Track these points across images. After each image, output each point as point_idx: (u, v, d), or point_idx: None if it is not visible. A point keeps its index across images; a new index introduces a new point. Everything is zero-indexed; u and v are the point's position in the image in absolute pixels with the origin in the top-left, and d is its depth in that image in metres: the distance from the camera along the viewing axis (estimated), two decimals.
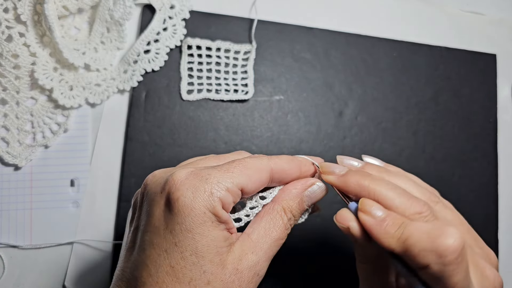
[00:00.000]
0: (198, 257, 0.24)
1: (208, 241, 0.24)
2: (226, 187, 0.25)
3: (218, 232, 0.25)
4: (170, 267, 0.24)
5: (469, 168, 0.49)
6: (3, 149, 0.43)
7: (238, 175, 0.26)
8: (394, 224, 0.25)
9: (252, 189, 0.27)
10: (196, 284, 0.24)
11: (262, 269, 0.27)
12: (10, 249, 0.42)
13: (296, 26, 0.48)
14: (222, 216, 0.25)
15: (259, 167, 0.27)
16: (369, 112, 0.48)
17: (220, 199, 0.25)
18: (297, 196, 0.29)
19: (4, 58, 0.41)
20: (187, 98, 0.45)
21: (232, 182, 0.25)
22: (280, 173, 0.28)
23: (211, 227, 0.24)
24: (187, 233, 0.24)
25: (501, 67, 0.52)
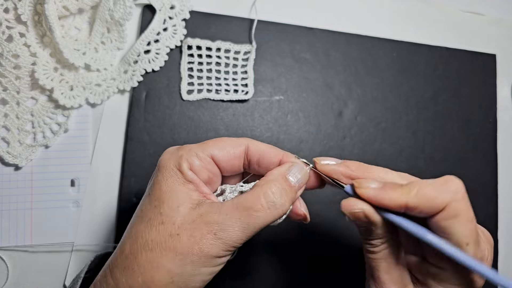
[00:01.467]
0: (159, 201, 0.28)
1: (170, 190, 0.28)
2: (195, 153, 0.29)
3: (183, 188, 0.28)
4: (140, 210, 0.29)
5: (468, 168, 0.49)
6: (4, 149, 0.43)
7: (210, 146, 0.30)
8: (393, 187, 0.27)
9: (224, 159, 0.30)
10: (152, 223, 0.27)
11: (224, 233, 0.26)
12: (11, 248, 0.42)
13: (296, 26, 0.48)
14: (186, 174, 0.28)
15: (233, 141, 0.30)
16: (368, 112, 0.48)
17: (187, 160, 0.29)
18: (280, 174, 0.29)
19: (5, 58, 0.41)
20: (187, 98, 0.45)
21: (202, 150, 0.29)
22: (258, 154, 0.30)
23: (176, 182, 0.28)
24: (157, 184, 0.29)
25: (500, 67, 0.52)
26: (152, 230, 0.27)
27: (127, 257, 0.27)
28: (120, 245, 0.28)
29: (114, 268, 0.27)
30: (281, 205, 0.28)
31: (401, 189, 0.26)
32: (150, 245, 0.26)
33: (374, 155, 0.48)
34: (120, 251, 0.28)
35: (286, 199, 0.28)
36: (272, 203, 0.28)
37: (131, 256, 0.27)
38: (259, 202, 0.27)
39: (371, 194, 0.27)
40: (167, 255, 0.26)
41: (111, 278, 0.27)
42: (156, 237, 0.27)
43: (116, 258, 0.28)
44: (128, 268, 0.27)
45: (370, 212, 0.27)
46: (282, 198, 0.28)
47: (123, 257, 0.27)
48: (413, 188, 0.26)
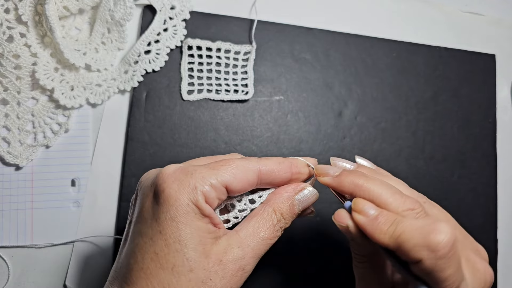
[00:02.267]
0: (181, 244, 0.25)
1: (192, 230, 0.25)
2: (210, 183, 0.26)
3: (202, 224, 0.26)
4: (154, 253, 0.25)
5: (468, 168, 0.49)
6: (4, 149, 0.43)
7: (223, 173, 0.27)
8: (386, 221, 0.26)
9: (237, 187, 0.28)
10: (179, 271, 0.25)
11: (248, 265, 0.27)
12: (11, 249, 0.42)
13: (296, 27, 0.48)
14: (204, 209, 0.26)
15: (245, 167, 0.28)
16: (368, 112, 0.48)
17: (203, 193, 0.26)
18: (288, 199, 0.30)
19: (5, 59, 0.41)
20: (187, 98, 0.45)
21: (216, 178, 0.27)
22: (269, 174, 0.29)
23: (194, 218, 0.26)
24: (171, 221, 0.25)
25: (500, 67, 0.52)
26: (181, 279, 0.25)
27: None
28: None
29: None
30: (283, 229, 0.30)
31: (388, 227, 0.25)
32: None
33: (374, 155, 0.48)
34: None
35: (289, 224, 0.30)
36: (282, 229, 0.29)
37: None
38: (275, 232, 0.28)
39: (361, 222, 0.27)
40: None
41: None
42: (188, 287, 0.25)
43: None
44: None
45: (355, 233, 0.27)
46: (288, 223, 0.30)
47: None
48: (397, 230, 0.25)
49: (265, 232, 0.28)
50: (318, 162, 0.32)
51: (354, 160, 0.33)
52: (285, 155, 0.46)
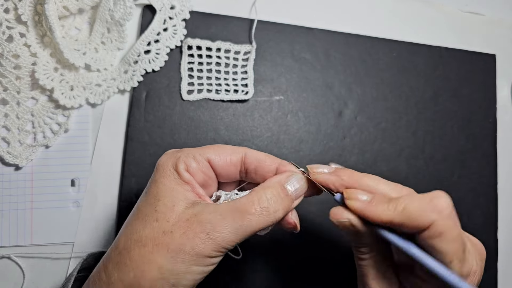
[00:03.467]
0: (155, 199, 0.29)
1: (167, 189, 0.29)
2: (193, 156, 0.30)
3: (179, 187, 0.29)
4: (137, 208, 0.30)
5: (468, 168, 0.49)
6: (4, 149, 0.43)
7: (207, 150, 0.31)
8: (382, 200, 0.27)
9: (219, 164, 0.31)
10: (147, 219, 0.28)
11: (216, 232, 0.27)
12: (11, 249, 0.42)
13: (296, 27, 0.48)
14: (183, 175, 0.29)
15: (231, 149, 0.31)
16: (368, 112, 0.48)
17: (185, 162, 0.30)
18: (278, 181, 0.30)
19: (5, 59, 0.41)
20: (187, 98, 0.45)
21: (200, 153, 0.30)
22: (255, 163, 0.31)
23: (173, 182, 0.29)
24: (154, 183, 0.30)
25: (500, 67, 0.52)
26: (147, 226, 0.28)
27: (121, 252, 0.27)
28: (115, 241, 0.29)
29: (108, 263, 0.28)
30: (274, 212, 0.29)
31: (388, 205, 0.26)
32: (143, 241, 0.27)
33: (374, 155, 0.48)
34: (114, 246, 0.28)
35: (280, 207, 0.29)
36: (266, 209, 0.28)
37: (124, 251, 0.27)
38: (253, 206, 0.28)
39: (358, 207, 0.27)
40: (159, 251, 0.26)
41: (104, 273, 0.28)
42: (149, 234, 0.27)
43: (110, 254, 0.28)
44: (121, 263, 0.27)
45: (357, 223, 0.28)
46: (276, 205, 0.29)
47: (117, 252, 0.28)
48: (399, 205, 0.26)
49: (246, 206, 0.28)
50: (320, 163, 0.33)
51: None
52: (285, 155, 0.46)
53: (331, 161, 0.46)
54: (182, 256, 0.26)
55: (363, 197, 0.28)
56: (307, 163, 0.46)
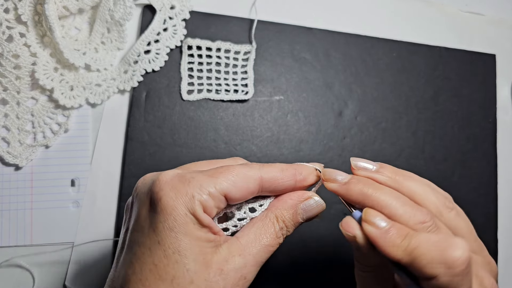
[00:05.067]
0: (181, 255, 0.24)
1: (191, 240, 0.25)
2: (208, 191, 0.25)
3: (201, 234, 0.25)
4: (153, 265, 0.24)
5: (468, 168, 0.49)
6: (4, 149, 0.43)
7: (222, 181, 0.26)
8: (399, 234, 0.25)
9: (237, 196, 0.27)
10: (179, 283, 0.24)
11: (249, 273, 0.26)
12: (11, 249, 0.42)
13: (296, 26, 0.48)
14: (203, 219, 0.25)
15: (246, 175, 0.27)
16: (368, 112, 0.48)
17: (201, 203, 0.25)
18: (291, 207, 0.28)
19: (5, 59, 0.41)
20: (187, 98, 0.45)
21: (214, 187, 0.26)
22: (272, 182, 0.28)
23: (193, 228, 0.25)
24: (169, 231, 0.24)
25: (500, 67, 0.52)
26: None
27: None
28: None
29: None
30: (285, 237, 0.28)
31: (402, 241, 0.25)
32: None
33: (374, 155, 0.48)
34: None
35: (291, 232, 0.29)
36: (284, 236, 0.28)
37: None
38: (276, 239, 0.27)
39: (372, 233, 0.25)
40: None
41: None
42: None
43: None
44: None
45: (363, 244, 0.26)
46: (290, 231, 0.28)
47: None
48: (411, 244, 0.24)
49: (267, 239, 0.27)
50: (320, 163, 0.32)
51: None
52: (285, 155, 0.46)
53: (330, 161, 0.46)
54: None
55: (382, 224, 0.25)
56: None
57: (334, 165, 0.47)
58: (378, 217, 0.26)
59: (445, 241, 0.24)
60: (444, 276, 0.23)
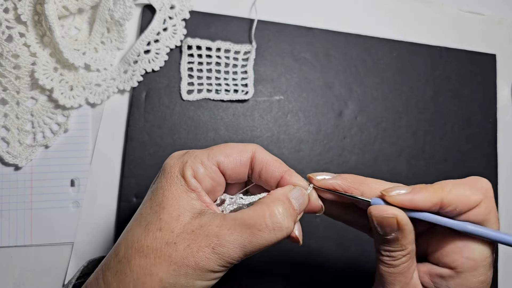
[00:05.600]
0: (160, 207, 0.27)
1: (172, 197, 0.27)
2: (200, 160, 0.29)
3: (185, 196, 0.28)
4: (140, 214, 0.28)
5: (468, 168, 0.49)
6: (4, 149, 0.43)
7: (216, 152, 0.29)
8: (423, 187, 0.27)
9: (229, 166, 0.29)
10: (150, 228, 0.27)
11: (221, 247, 0.25)
12: (10, 248, 0.42)
13: (296, 26, 0.48)
14: (190, 182, 0.28)
15: (239, 148, 0.30)
16: (368, 112, 0.48)
17: (192, 168, 0.28)
18: (283, 195, 0.28)
19: (5, 58, 0.41)
20: (187, 98, 0.45)
21: (208, 157, 0.29)
22: (262, 164, 0.30)
23: (179, 189, 0.28)
24: (160, 189, 0.28)
25: (500, 67, 0.52)
26: (149, 235, 0.26)
27: (121, 261, 0.26)
28: (114, 247, 0.28)
29: (106, 270, 0.27)
30: (287, 228, 0.27)
31: (433, 188, 0.27)
32: (145, 251, 0.26)
33: (374, 155, 0.48)
34: (114, 253, 0.27)
35: (291, 222, 0.27)
36: (279, 224, 0.26)
37: (124, 260, 0.26)
38: (264, 222, 0.26)
39: (405, 198, 0.27)
40: (161, 263, 0.25)
41: (102, 280, 0.27)
42: (152, 243, 0.26)
43: (109, 261, 0.27)
44: (121, 272, 0.26)
45: (403, 217, 0.27)
46: (288, 220, 0.27)
47: (117, 260, 0.26)
48: (445, 186, 0.27)
49: (255, 221, 0.26)
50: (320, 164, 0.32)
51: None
52: (285, 155, 0.46)
53: (330, 161, 0.46)
54: (185, 269, 0.25)
55: (402, 191, 0.27)
56: (307, 163, 0.46)
57: (334, 165, 0.47)
58: (395, 187, 0.28)
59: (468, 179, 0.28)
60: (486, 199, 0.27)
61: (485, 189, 0.27)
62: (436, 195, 0.27)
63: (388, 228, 0.27)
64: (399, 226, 0.27)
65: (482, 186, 0.27)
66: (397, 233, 0.27)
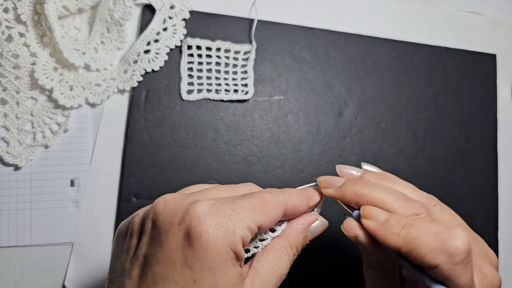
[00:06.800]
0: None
1: (228, 279, 0.24)
2: (247, 225, 0.25)
3: (235, 269, 0.24)
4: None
5: (469, 168, 0.49)
6: (3, 149, 0.43)
7: (258, 213, 0.26)
8: (397, 224, 0.25)
9: (268, 226, 0.27)
10: None
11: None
12: (10, 248, 0.42)
13: (296, 26, 0.48)
14: (241, 254, 0.25)
15: (276, 204, 0.27)
16: (368, 112, 0.48)
17: (242, 238, 0.24)
18: (302, 232, 0.30)
19: (4, 58, 0.41)
20: (187, 98, 0.45)
21: (252, 220, 0.25)
22: (292, 209, 0.29)
23: (231, 265, 0.24)
24: (209, 271, 0.23)
25: (501, 67, 0.52)
26: None
27: None
28: None
29: None
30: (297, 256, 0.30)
31: (400, 232, 0.25)
32: None
33: (374, 155, 0.48)
34: None
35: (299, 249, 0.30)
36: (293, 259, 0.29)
37: None
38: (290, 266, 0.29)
39: (371, 227, 0.26)
40: None
41: None
42: None
43: None
44: None
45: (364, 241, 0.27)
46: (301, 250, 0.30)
47: None
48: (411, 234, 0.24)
49: (283, 269, 0.28)
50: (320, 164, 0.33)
51: (360, 166, 0.33)
52: (285, 155, 0.46)
53: (330, 161, 0.46)
54: None
55: (380, 216, 0.26)
56: (307, 163, 0.46)
57: (334, 165, 0.46)
58: (375, 210, 0.27)
59: (444, 231, 0.24)
60: (446, 264, 0.23)
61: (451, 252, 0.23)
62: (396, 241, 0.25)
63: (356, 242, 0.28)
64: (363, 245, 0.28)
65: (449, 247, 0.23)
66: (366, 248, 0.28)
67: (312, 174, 0.31)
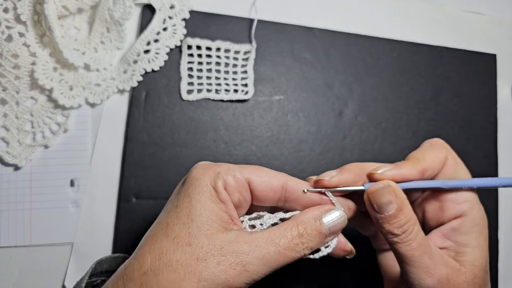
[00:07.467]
0: (189, 219, 0.27)
1: (203, 209, 0.27)
2: (233, 173, 0.28)
3: (214, 207, 0.27)
4: (166, 223, 0.27)
5: (469, 168, 0.49)
6: (3, 149, 0.43)
7: (248, 170, 0.29)
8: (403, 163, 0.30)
9: (260, 187, 0.29)
10: (179, 241, 0.26)
11: (251, 265, 0.26)
12: (10, 248, 0.42)
13: (296, 26, 0.48)
14: (221, 193, 0.27)
15: (272, 173, 0.29)
16: (369, 112, 0.48)
17: (224, 180, 0.28)
18: (313, 217, 0.28)
19: (4, 58, 0.41)
20: (187, 98, 0.45)
21: (240, 172, 0.28)
22: (295, 191, 0.29)
23: (208, 200, 0.27)
24: (187, 197, 0.27)
25: (501, 67, 0.52)
26: (178, 249, 0.26)
27: (146, 273, 0.25)
28: (137, 256, 0.27)
29: (129, 282, 0.26)
30: (308, 249, 0.28)
31: (412, 160, 0.30)
32: (174, 266, 0.25)
33: (374, 155, 0.48)
34: (138, 264, 0.26)
35: (313, 244, 0.28)
36: (302, 245, 0.27)
37: (151, 273, 0.25)
38: (293, 242, 0.27)
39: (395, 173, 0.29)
40: (191, 279, 0.25)
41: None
42: (181, 258, 0.25)
43: (133, 271, 0.26)
44: (146, 286, 0.25)
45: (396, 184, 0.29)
46: (312, 242, 0.28)
47: (141, 272, 0.25)
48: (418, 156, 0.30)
49: (280, 240, 0.27)
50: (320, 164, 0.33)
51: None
52: (285, 155, 0.46)
53: (331, 161, 0.46)
54: (214, 286, 0.25)
55: (388, 167, 0.30)
56: (307, 163, 0.46)
57: (334, 165, 0.46)
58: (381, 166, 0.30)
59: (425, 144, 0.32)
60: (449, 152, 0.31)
61: (443, 145, 0.31)
62: (418, 165, 0.29)
63: (385, 200, 0.28)
64: (395, 193, 0.28)
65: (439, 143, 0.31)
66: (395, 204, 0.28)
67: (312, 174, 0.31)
